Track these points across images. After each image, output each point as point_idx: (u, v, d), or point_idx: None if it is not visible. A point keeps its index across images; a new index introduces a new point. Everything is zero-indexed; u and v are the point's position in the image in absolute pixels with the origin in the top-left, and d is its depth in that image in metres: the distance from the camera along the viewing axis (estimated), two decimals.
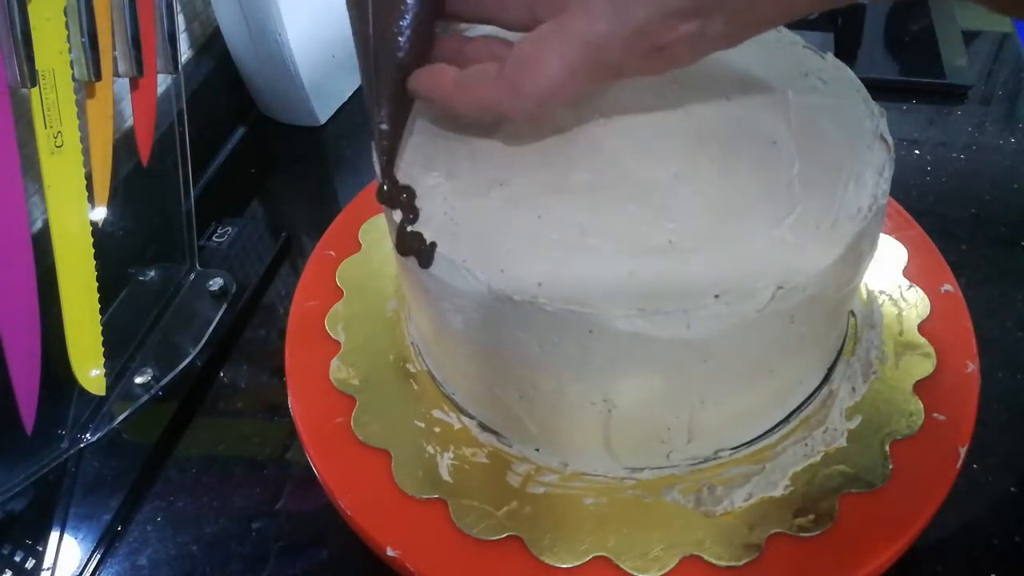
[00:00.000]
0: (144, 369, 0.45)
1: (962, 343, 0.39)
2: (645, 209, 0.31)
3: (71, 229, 0.40)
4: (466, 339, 0.33)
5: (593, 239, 0.31)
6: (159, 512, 0.41)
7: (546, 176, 0.33)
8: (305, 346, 0.42)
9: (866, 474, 0.35)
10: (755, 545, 0.33)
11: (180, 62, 0.47)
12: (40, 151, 0.37)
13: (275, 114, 0.64)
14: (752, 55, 0.37)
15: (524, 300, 0.29)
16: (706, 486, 0.35)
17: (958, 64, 0.63)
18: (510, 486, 0.36)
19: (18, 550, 0.39)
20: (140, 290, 0.50)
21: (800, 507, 0.34)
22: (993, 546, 0.37)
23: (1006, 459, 0.40)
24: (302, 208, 0.58)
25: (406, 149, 0.35)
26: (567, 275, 0.29)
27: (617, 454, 0.35)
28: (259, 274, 0.52)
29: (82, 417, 0.43)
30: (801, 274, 0.29)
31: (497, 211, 0.32)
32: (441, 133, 0.35)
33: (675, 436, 0.34)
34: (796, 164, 0.32)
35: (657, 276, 0.29)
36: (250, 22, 0.57)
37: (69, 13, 0.38)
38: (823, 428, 0.37)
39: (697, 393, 0.32)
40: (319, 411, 0.39)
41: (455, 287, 0.31)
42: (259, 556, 0.39)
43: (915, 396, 0.37)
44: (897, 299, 0.41)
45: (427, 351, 0.40)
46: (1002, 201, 0.53)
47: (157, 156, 0.47)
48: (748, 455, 0.36)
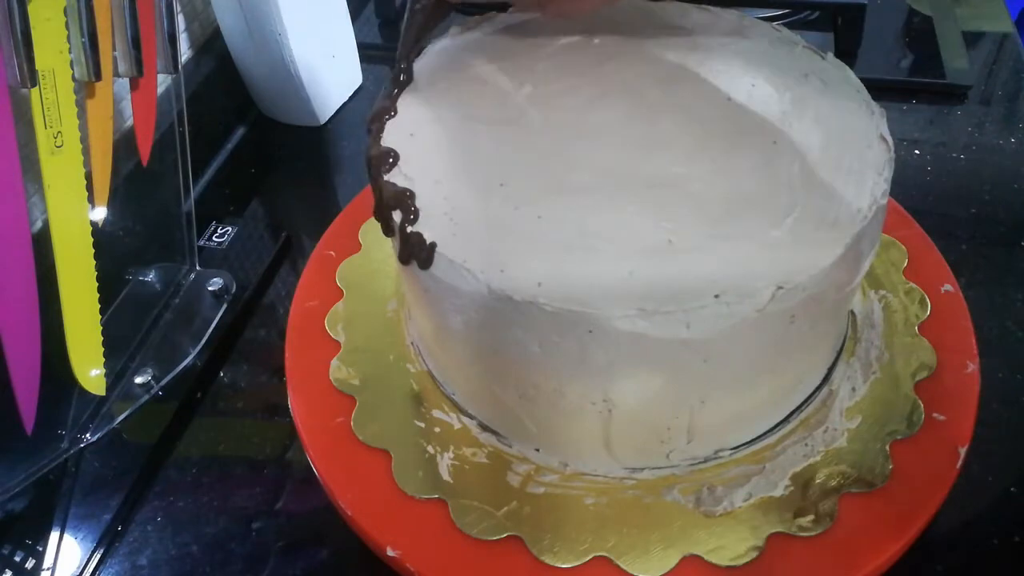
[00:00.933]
0: (144, 369, 0.45)
1: (962, 343, 0.39)
2: (645, 209, 0.31)
3: (71, 229, 0.39)
4: (466, 339, 0.33)
5: (593, 239, 0.31)
6: (159, 512, 0.41)
7: (546, 176, 0.33)
8: (305, 346, 0.42)
9: (866, 474, 0.35)
10: (755, 545, 0.33)
11: (180, 62, 0.47)
12: (40, 151, 0.37)
13: (275, 114, 0.64)
14: (752, 55, 0.37)
15: (524, 300, 0.29)
16: (706, 486, 0.35)
17: (958, 64, 0.63)
18: (510, 486, 0.36)
19: (18, 550, 0.39)
20: (140, 290, 0.49)
21: (800, 507, 0.34)
22: (993, 546, 0.37)
23: (1006, 459, 0.40)
24: (302, 208, 0.58)
25: (406, 149, 0.35)
26: (567, 275, 0.29)
27: (617, 454, 0.35)
28: (259, 274, 0.52)
29: (82, 417, 0.43)
30: (801, 274, 0.29)
31: (497, 211, 0.32)
32: (441, 133, 0.35)
33: (675, 436, 0.34)
34: (796, 164, 0.32)
35: (657, 276, 0.29)
36: (250, 22, 0.57)
37: (69, 13, 0.38)
38: (823, 428, 0.37)
39: (697, 393, 0.32)
40: (319, 411, 0.39)
41: (455, 287, 0.31)
42: (259, 556, 0.39)
43: (915, 396, 0.37)
44: (897, 299, 0.41)
45: (427, 351, 0.40)
46: (1002, 201, 0.53)
47: (157, 156, 0.47)
48: (748, 455, 0.36)
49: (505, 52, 0.39)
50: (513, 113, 0.35)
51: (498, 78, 0.37)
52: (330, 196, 0.60)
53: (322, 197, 0.60)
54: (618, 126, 0.35)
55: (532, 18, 0.41)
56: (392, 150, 0.34)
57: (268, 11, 0.55)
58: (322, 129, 0.63)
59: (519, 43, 0.39)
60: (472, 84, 0.37)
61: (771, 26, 0.39)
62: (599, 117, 0.35)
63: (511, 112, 0.36)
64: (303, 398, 0.39)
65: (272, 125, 0.64)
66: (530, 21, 0.40)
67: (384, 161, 0.34)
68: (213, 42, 0.62)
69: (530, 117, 0.35)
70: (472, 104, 0.36)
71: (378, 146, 0.34)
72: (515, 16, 0.41)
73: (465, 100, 0.36)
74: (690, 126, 0.34)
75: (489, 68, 0.38)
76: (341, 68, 0.64)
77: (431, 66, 0.39)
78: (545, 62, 0.37)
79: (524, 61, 0.38)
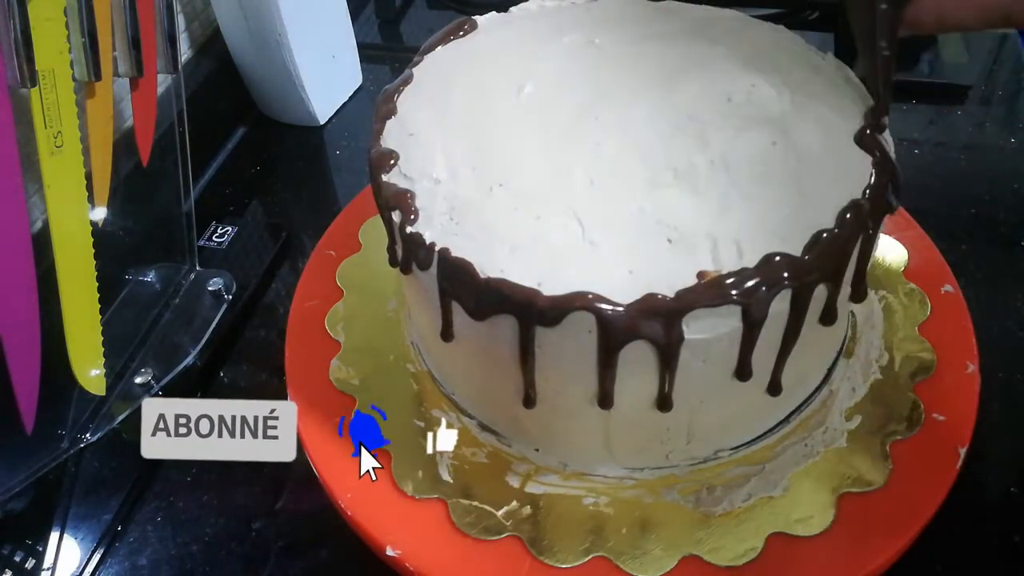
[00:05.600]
0: (144, 369, 0.45)
1: (962, 343, 0.39)
2: (644, 209, 0.31)
3: (71, 229, 0.39)
4: (466, 339, 0.33)
5: (592, 238, 0.31)
6: (159, 512, 0.41)
7: (546, 176, 0.33)
8: (305, 346, 0.42)
9: (866, 474, 0.35)
10: (754, 546, 0.33)
11: (180, 62, 0.47)
12: (40, 151, 0.37)
13: (275, 114, 0.64)
14: (752, 56, 0.37)
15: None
16: (705, 487, 0.35)
17: (958, 64, 0.63)
18: (510, 486, 0.36)
19: (18, 550, 0.39)
20: (140, 290, 0.49)
21: (800, 507, 0.34)
22: (993, 546, 0.37)
23: (1006, 459, 0.40)
24: (302, 208, 0.58)
25: (406, 150, 0.35)
26: (567, 275, 0.29)
27: (617, 454, 0.35)
28: (259, 274, 0.52)
29: (82, 417, 0.43)
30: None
31: (497, 211, 0.32)
32: (441, 134, 0.35)
33: (674, 437, 0.34)
34: (795, 164, 0.32)
35: (657, 276, 0.29)
36: (250, 22, 0.57)
37: (69, 13, 0.38)
38: (823, 428, 0.37)
39: (696, 393, 0.32)
40: (319, 411, 0.39)
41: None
42: (259, 556, 0.39)
43: (915, 396, 0.37)
44: (897, 299, 0.41)
45: (427, 351, 0.40)
46: (1002, 201, 0.53)
47: (157, 156, 0.47)
48: (747, 455, 0.36)
49: (506, 53, 0.39)
50: (513, 113, 0.35)
51: (498, 79, 0.37)
52: (330, 196, 0.60)
53: (322, 197, 0.60)
54: (617, 127, 0.34)
55: (532, 19, 0.41)
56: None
57: (268, 11, 0.55)
58: (322, 129, 0.63)
59: (520, 44, 0.39)
60: (472, 84, 0.37)
61: (772, 26, 0.39)
62: (598, 118, 0.35)
63: (511, 112, 0.36)
64: (303, 398, 0.39)
65: (272, 125, 0.64)
66: (531, 22, 0.40)
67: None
68: (213, 42, 0.62)
69: (530, 117, 0.35)
70: (472, 104, 0.36)
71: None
72: (515, 16, 0.41)
73: (465, 100, 0.36)
74: (689, 126, 0.34)
75: (489, 68, 0.38)
76: (341, 68, 0.64)
77: (432, 67, 0.39)
78: (546, 63, 0.37)
79: (525, 62, 0.38)
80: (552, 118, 0.35)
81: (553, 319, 0.29)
